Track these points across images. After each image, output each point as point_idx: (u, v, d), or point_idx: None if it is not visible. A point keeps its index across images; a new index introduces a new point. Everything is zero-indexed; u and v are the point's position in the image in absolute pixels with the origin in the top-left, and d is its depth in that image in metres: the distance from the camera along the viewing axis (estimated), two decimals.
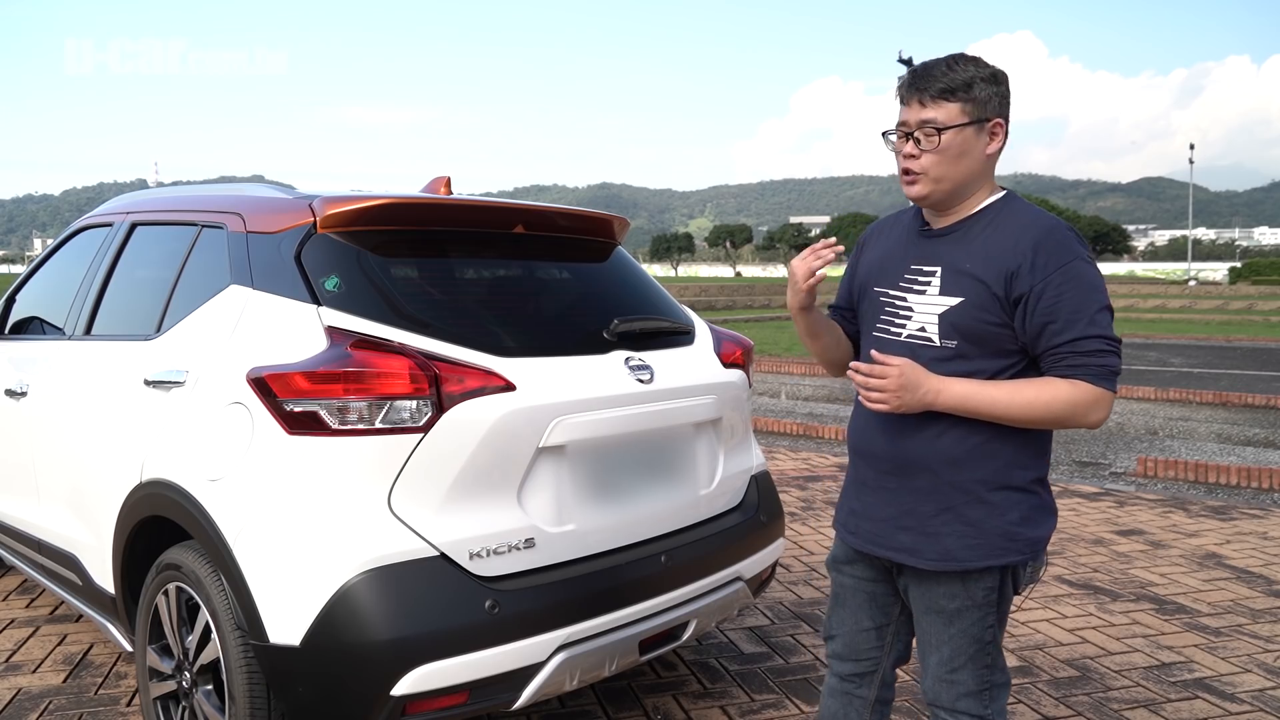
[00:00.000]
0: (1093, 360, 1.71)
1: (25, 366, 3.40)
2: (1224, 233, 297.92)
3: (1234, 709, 3.04)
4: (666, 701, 3.09)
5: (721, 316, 28.39)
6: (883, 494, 1.91)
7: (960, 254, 1.81)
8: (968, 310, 1.77)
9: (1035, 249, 1.73)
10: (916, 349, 1.83)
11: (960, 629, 1.87)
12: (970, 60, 1.79)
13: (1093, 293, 1.72)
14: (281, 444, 2.18)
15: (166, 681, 2.56)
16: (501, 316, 2.56)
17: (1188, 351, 18.10)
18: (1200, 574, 4.45)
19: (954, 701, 1.91)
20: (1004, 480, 1.81)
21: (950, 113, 1.75)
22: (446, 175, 2.89)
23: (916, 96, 1.78)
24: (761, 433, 8.57)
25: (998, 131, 1.80)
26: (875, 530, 1.93)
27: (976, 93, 1.75)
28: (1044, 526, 1.86)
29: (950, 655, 1.89)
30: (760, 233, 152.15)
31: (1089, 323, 1.71)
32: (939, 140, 1.76)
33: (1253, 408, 10.35)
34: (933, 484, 1.83)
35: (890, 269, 1.92)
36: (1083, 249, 1.76)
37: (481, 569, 2.22)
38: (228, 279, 2.55)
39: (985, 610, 1.86)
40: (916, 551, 1.86)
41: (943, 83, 1.75)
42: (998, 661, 1.91)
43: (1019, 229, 1.77)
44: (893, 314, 1.89)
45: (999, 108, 1.79)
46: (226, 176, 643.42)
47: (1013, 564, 1.84)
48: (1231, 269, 67.89)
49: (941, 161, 1.77)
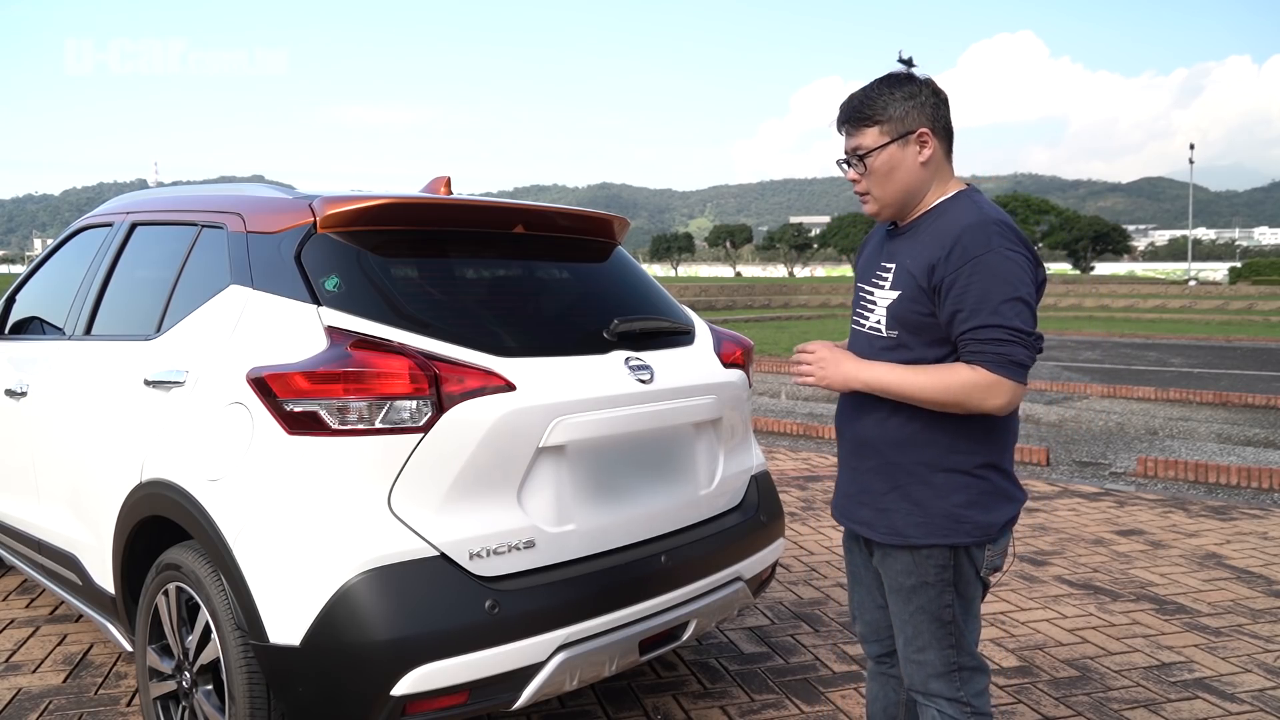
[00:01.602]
0: (990, 348, 1.80)
1: (25, 366, 3.40)
2: (1224, 233, 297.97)
3: (1234, 709, 3.04)
4: (666, 701, 3.09)
5: (721, 316, 28.40)
6: (848, 471, 2.10)
7: (907, 250, 1.95)
8: (904, 302, 1.93)
9: (955, 241, 1.84)
10: (872, 339, 2.01)
11: (918, 606, 1.99)
12: (887, 81, 1.93)
13: (1002, 284, 1.80)
14: (281, 444, 2.18)
15: (166, 681, 2.57)
16: (501, 316, 2.56)
17: (1188, 351, 18.10)
18: (1200, 574, 4.45)
19: (925, 683, 2.02)
20: (946, 463, 1.93)
21: (870, 137, 1.91)
22: (446, 175, 2.89)
23: (844, 127, 1.96)
24: (761, 433, 8.57)
25: (926, 140, 1.91)
26: (844, 504, 2.12)
27: (892, 112, 1.89)
28: (996, 512, 1.95)
29: (914, 634, 2.01)
30: (760, 233, 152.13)
31: (992, 312, 1.80)
32: (864, 166, 1.93)
33: (1253, 408, 10.35)
34: (882, 464, 1.99)
35: (868, 268, 2.08)
36: (1004, 242, 1.83)
37: (481, 569, 2.22)
38: (228, 279, 2.55)
39: (940, 589, 1.97)
40: (872, 526, 2.03)
41: (858, 112, 1.92)
42: (963, 644, 2.00)
43: (951, 224, 1.88)
44: (863, 308, 2.06)
45: (920, 118, 1.90)
46: (226, 176, 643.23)
47: (961, 545, 1.94)
48: (1231, 269, 67.90)
49: (876, 181, 1.94)
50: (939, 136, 1.92)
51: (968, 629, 2.02)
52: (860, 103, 1.92)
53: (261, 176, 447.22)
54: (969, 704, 2.00)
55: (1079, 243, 78.25)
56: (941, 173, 1.95)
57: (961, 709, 2.00)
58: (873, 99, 1.91)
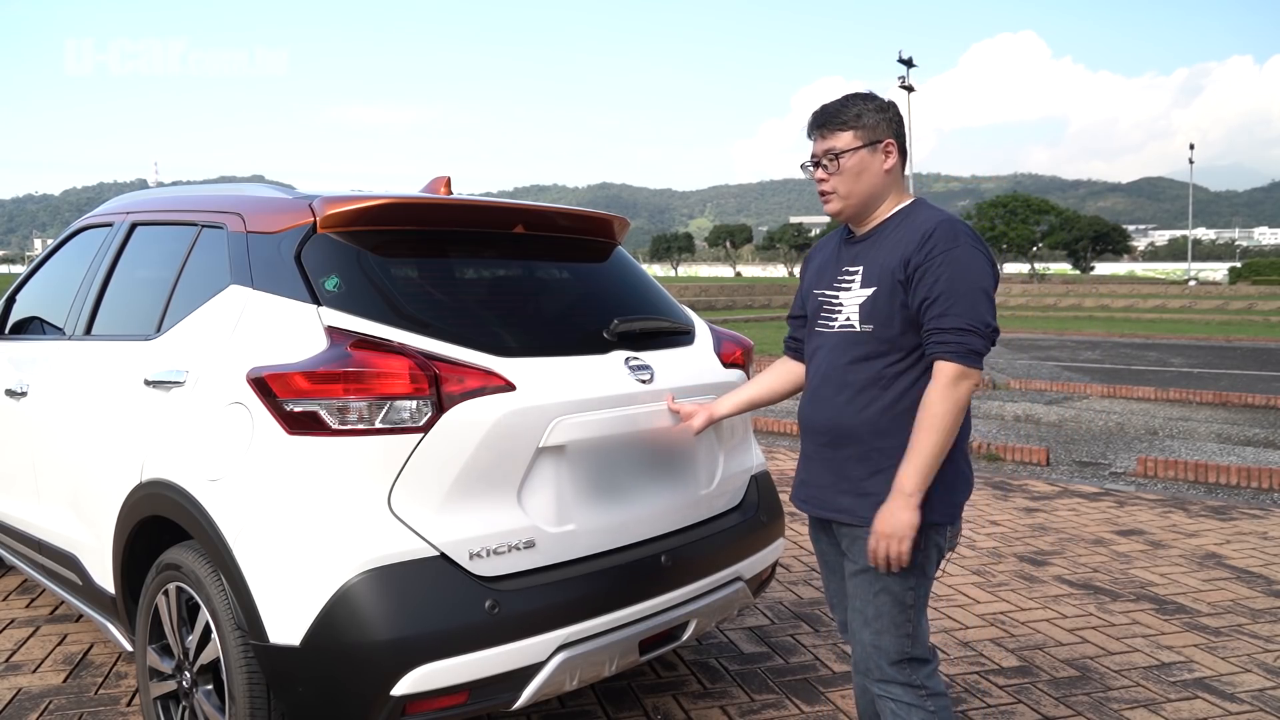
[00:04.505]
0: (953, 338, 1.97)
1: (25, 366, 3.40)
2: (1224, 233, 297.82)
3: (1234, 709, 3.05)
4: (666, 701, 3.09)
5: (721, 316, 28.39)
6: (821, 462, 2.20)
7: (874, 253, 2.13)
8: (880, 297, 2.08)
9: (927, 236, 2.03)
10: (844, 336, 2.14)
11: (884, 586, 2.09)
12: (858, 96, 2.15)
13: (968, 276, 1.99)
14: (281, 444, 2.18)
15: (166, 681, 2.57)
16: (501, 316, 2.56)
17: (1188, 351, 18.11)
18: (1200, 574, 4.45)
19: (880, 669, 2.11)
20: None
21: (845, 140, 2.11)
22: (446, 175, 2.88)
23: (819, 131, 2.15)
24: (761, 433, 8.57)
25: (890, 150, 2.13)
26: (819, 495, 2.21)
27: (866, 120, 2.10)
28: (961, 493, 2.14)
29: (874, 615, 2.11)
30: (760, 233, 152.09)
31: (955, 300, 1.97)
32: (838, 164, 2.11)
33: (1253, 408, 10.36)
34: (864, 450, 2.10)
35: (826, 275, 2.25)
36: (970, 240, 2.03)
37: (481, 569, 2.22)
38: (228, 279, 2.55)
39: (907, 570, 2.06)
40: (853, 511, 2.12)
41: (836, 117, 2.12)
42: (918, 635, 2.12)
43: (920, 223, 2.07)
44: (828, 311, 2.20)
45: (888, 130, 2.12)
46: (226, 176, 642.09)
47: (936, 524, 2.08)
48: (1231, 269, 67.90)
49: (845, 180, 2.12)
50: (899, 151, 2.14)
51: (920, 620, 2.13)
52: (838, 109, 2.13)
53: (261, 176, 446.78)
54: (923, 686, 2.11)
55: (1079, 243, 78.16)
56: (898, 184, 2.17)
57: (916, 693, 2.10)
58: (849, 107, 2.12)
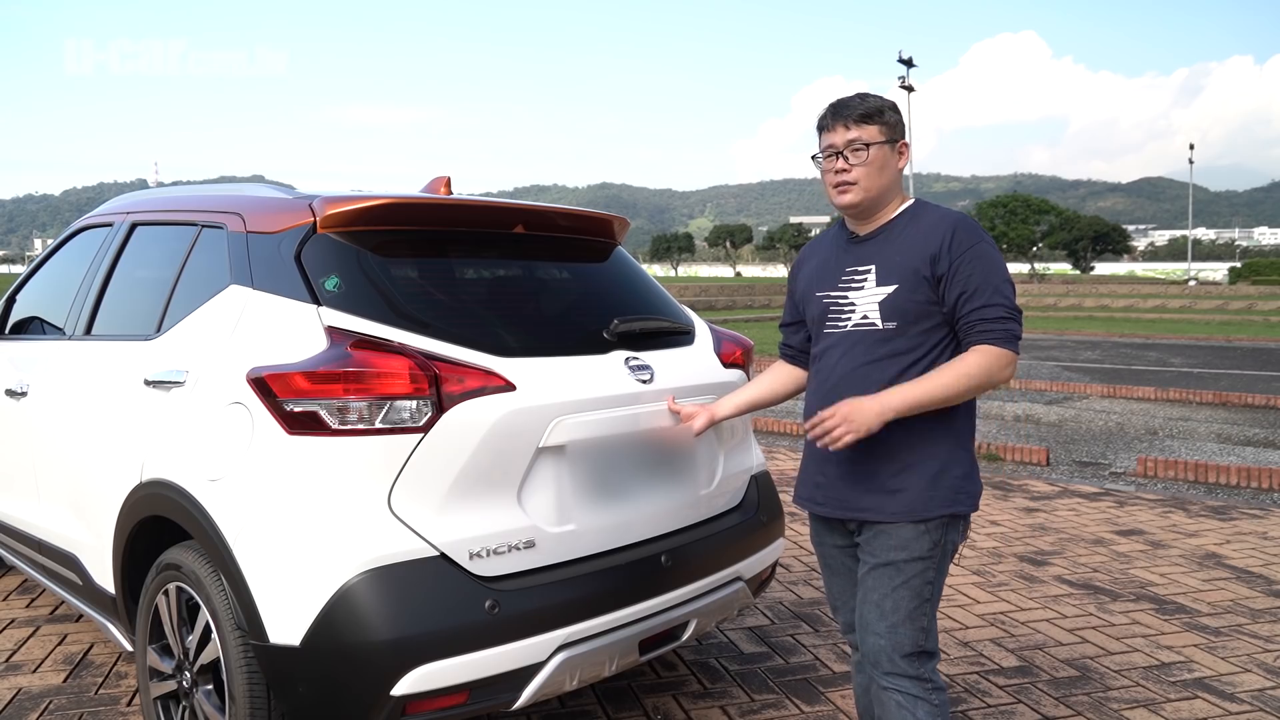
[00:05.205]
0: (997, 325, 2.03)
1: (25, 366, 3.40)
2: (1224, 233, 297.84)
3: (1234, 709, 3.05)
4: (666, 701, 3.09)
5: (721, 316, 28.39)
6: (843, 463, 2.18)
7: (889, 251, 2.15)
8: (903, 294, 2.10)
9: (950, 234, 2.08)
10: (862, 335, 2.16)
11: (905, 580, 2.11)
12: (875, 95, 2.19)
13: (996, 269, 2.08)
14: (281, 444, 2.18)
15: (167, 681, 2.57)
16: (501, 316, 2.56)
17: (1188, 351, 18.10)
18: (1200, 574, 4.45)
19: (891, 661, 2.11)
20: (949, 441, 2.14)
21: (871, 133, 2.13)
22: (446, 175, 2.88)
23: (842, 122, 2.15)
24: (761, 433, 8.57)
25: (904, 150, 2.19)
26: (840, 496, 2.20)
27: (889, 118, 2.16)
28: (978, 484, 2.20)
29: (892, 608, 2.11)
30: (760, 233, 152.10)
31: (994, 292, 2.05)
32: (867, 154, 2.12)
33: (1253, 408, 10.35)
34: (890, 447, 2.11)
35: (827, 276, 2.25)
36: (987, 236, 2.13)
37: (481, 569, 2.22)
38: (228, 279, 2.55)
39: (928, 563, 2.11)
40: (880, 509, 2.13)
41: (862, 110, 2.14)
42: (931, 627, 2.15)
43: (935, 221, 2.13)
44: (838, 311, 2.21)
45: (903, 132, 2.20)
46: (226, 176, 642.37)
47: (961, 513, 2.13)
48: (1231, 269, 67.90)
49: (869, 173, 2.13)
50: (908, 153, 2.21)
51: (934, 614, 2.16)
52: (869, 103, 2.15)
53: (261, 176, 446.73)
54: (929, 680, 2.13)
55: (1079, 243, 78.12)
56: (900, 186, 2.22)
57: (923, 686, 2.12)
58: (878, 103, 2.16)
